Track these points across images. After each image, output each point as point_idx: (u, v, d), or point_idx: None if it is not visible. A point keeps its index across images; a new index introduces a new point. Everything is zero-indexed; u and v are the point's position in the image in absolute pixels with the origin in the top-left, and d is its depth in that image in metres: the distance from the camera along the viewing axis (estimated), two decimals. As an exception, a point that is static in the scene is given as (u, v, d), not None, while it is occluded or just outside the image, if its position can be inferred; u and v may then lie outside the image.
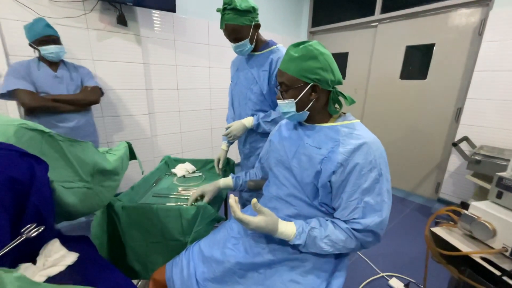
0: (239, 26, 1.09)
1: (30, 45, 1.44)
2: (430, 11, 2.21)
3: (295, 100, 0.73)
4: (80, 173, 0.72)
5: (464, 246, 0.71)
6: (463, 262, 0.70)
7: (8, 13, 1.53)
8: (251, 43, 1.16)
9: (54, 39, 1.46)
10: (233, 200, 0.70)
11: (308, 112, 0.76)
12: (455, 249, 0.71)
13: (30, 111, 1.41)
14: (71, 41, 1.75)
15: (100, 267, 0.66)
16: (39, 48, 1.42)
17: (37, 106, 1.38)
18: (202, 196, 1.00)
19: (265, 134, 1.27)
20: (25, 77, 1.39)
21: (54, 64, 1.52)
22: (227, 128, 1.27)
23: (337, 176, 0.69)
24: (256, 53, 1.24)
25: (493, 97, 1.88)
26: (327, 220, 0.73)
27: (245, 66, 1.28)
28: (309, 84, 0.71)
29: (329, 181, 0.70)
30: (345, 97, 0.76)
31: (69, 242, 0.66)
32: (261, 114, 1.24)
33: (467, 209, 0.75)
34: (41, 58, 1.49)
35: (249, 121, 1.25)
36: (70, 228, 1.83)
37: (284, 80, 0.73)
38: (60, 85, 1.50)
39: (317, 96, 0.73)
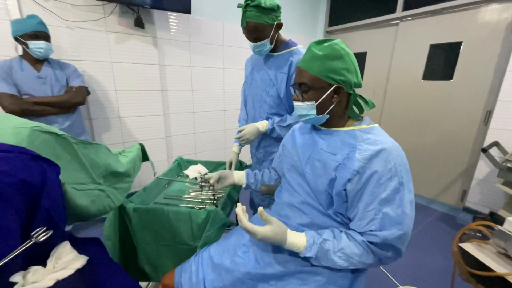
0: (262, 25, 1.02)
1: (16, 38, 1.36)
2: (457, 7, 2.07)
3: (316, 102, 0.68)
4: (93, 175, 0.72)
5: (498, 266, 0.64)
6: (496, 283, 0.63)
7: (33, 18, 1.60)
8: (271, 44, 1.10)
9: (45, 36, 1.41)
10: (240, 209, 0.67)
11: (328, 116, 0.72)
12: (487, 268, 0.65)
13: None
14: (91, 44, 1.81)
15: (110, 270, 0.66)
16: (27, 42, 1.35)
17: (17, 110, 1.31)
18: (207, 181, 0.99)
19: (280, 139, 1.21)
20: (6, 78, 1.34)
21: (38, 62, 1.45)
22: (239, 131, 1.23)
23: (353, 185, 0.64)
24: (275, 53, 1.17)
25: (529, 99, 1.73)
26: (341, 231, 0.68)
27: (262, 67, 1.21)
28: (333, 85, 0.67)
29: (344, 190, 0.66)
30: (365, 101, 0.71)
31: (80, 245, 0.66)
32: (277, 119, 1.18)
33: (498, 221, 0.68)
34: (24, 56, 1.43)
35: (263, 125, 1.19)
36: (84, 225, 1.89)
37: (306, 80, 0.68)
38: (44, 86, 1.44)
39: (339, 99, 0.69)
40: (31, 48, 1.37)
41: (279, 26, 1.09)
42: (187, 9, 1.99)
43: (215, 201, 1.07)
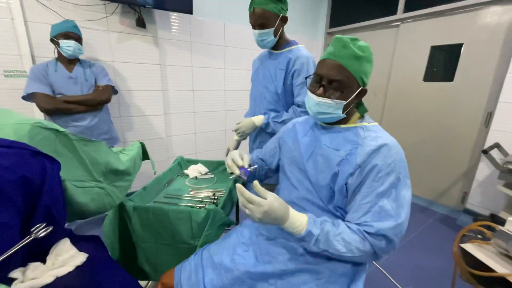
0: (268, 12, 1.07)
1: (51, 40, 1.47)
2: (458, 9, 2.07)
3: (345, 101, 0.67)
4: (93, 173, 0.72)
5: (499, 266, 0.64)
6: (497, 284, 0.63)
7: (35, 17, 1.61)
8: (275, 36, 1.14)
9: (76, 37, 1.50)
10: (239, 185, 0.63)
11: (345, 116, 0.71)
12: (489, 269, 0.64)
13: (47, 113, 1.47)
14: (93, 43, 1.82)
15: (109, 268, 0.66)
16: (59, 41, 1.44)
17: (50, 109, 1.43)
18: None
19: (274, 134, 1.25)
20: (42, 79, 1.44)
21: (70, 63, 1.55)
22: (238, 124, 1.28)
23: (354, 178, 0.65)
24: (277, 51, 1.22)
25: (530, 101, 1.73)
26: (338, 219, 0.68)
27: (265, 64, 1.27)
28: (360, 87, 0.67)
29: (346, 184, 0.66)
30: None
31: (79, 242, 0.66)
32: (272, 114, 1.22)
33: (499, 223, 0.68)
34: (59, 58, 1.53)
35: (259, 119, 1.24)
36: (84, 224, 1.89)
37: (343, 78, 0.65)
38: (75, 86, 1.54)
39: (356, 101, 0.70)
40: (61, 46, 1.46)
41: (284, 19, 1.13)
42: (188, 10, 2.00)
43: (215, 200, 1.07)
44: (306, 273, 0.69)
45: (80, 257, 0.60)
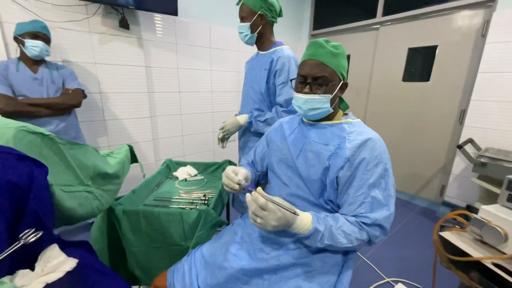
0: (246, 6, 1.13)
1: (15, 38, 1.38)
2: (433, 13, 2.20)
3: (331, 95, 0.72)
4: (81, 177, 0.71)
5: (474, 251, 0.69)
6: (474, 268, 0.68)
7: (11, 17, 1.54)
8: (253, 32, 1.18)
9: (45, 38, 1.41)
10: (254, 193, 0.64)
11: (332, 110, 0.76)
12: (465, 254, 0.69)
13: (7, 116, 1.34)
14: (73, 45, 1.76)
15: (100, 273, 0.65)
16: (25, 40, 1.35)
17: (9, 111, 1.30)
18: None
19: (258, 134, 1.29)
20: (2, 80, 1.33)
21: (35, 64, 1.45)
22: (224, 122, 1.33)
23: (344, 171, 0.69)
24: (263, 52, 1.26)
25: (498, 98, 1.86)
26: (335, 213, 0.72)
27: (253, 65, 1.31)
28: (341, 82, 0.74)
29: (336, 177, 0.70)
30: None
31: (68, 248, 0.64)
32: (256, 113, 1.26)
33: (475, 213, 0.73)
34: (22, 57, 1.43)
35: (242, 118, 1.28)
36: (70, 230, 1.82)
37: (327, 74, 0.70)
38: (40, 88, 1.43)
39: (340, 95, 0.76)
40: (27, 46, 1.36)
41: (262, 18, 1.16)
42: (173, 11, 1.98)
43: (206, 201, 1.07)
44: (299, 267, 0.71)
45: (70, 263, 0.58)
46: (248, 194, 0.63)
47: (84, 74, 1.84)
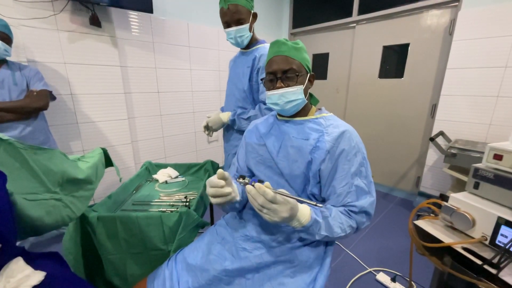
0: (243, 8, 1.10)
1: None
2: (404, 12, 2.30)
3: (303, 86, 0.75)
4: (47, 184, 0.66)
5: (446, 237, 0.72)
6: (446, 253, 0.71)
7: (-34, 14, 1.41)
8: (250, 31, 1.17)
9: (4, 37, 1.32)
10: (259, 185, 0.59)
11: (306, 101, 0.78)
12: (438, 240, 0.73)
13: None
14: (39, 44, 1.65)
15: (72, 285, 0.61)
16: None
17: None
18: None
19: (241, 132, 1.28)
20: None
21: None
22: (208, 117, 1.33)
23: (325, 164, 0.71)
24: (247, 50, 1.25)
25: (465, 93, 1.98)
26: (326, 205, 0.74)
27: (236, 63, 1.31)
28: (308, 73, 0.77)
29: (319, 170, 0.72)
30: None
31: (36, 260, 0.60)
32: (239, 111, 1.25)
33: (447, 201, 0.77)
34: None
35: (225, 116, 1.28)
36: (41, 242, 1.71)
37: (294, 66, 0.73)
38: (1, 91, 1.33)
39: (310, 87, 0.78)
40: None
41: (255, 16, 1.17)
42: (148, 8, 1.91)
43: (187, 203, 1.05)
44: (281, 264, 0.71)
45: (37, 276, 0.54)
46: (250, 186, 0.59)
47: (53, 75, 1.72)
